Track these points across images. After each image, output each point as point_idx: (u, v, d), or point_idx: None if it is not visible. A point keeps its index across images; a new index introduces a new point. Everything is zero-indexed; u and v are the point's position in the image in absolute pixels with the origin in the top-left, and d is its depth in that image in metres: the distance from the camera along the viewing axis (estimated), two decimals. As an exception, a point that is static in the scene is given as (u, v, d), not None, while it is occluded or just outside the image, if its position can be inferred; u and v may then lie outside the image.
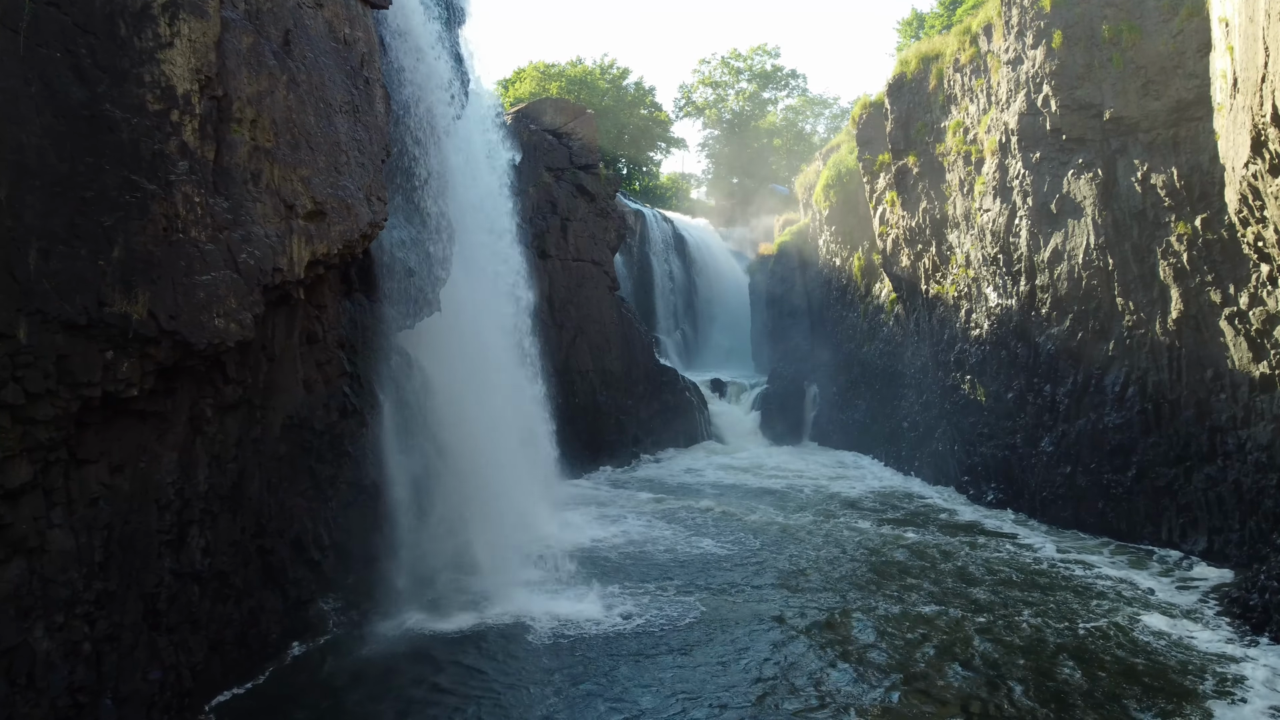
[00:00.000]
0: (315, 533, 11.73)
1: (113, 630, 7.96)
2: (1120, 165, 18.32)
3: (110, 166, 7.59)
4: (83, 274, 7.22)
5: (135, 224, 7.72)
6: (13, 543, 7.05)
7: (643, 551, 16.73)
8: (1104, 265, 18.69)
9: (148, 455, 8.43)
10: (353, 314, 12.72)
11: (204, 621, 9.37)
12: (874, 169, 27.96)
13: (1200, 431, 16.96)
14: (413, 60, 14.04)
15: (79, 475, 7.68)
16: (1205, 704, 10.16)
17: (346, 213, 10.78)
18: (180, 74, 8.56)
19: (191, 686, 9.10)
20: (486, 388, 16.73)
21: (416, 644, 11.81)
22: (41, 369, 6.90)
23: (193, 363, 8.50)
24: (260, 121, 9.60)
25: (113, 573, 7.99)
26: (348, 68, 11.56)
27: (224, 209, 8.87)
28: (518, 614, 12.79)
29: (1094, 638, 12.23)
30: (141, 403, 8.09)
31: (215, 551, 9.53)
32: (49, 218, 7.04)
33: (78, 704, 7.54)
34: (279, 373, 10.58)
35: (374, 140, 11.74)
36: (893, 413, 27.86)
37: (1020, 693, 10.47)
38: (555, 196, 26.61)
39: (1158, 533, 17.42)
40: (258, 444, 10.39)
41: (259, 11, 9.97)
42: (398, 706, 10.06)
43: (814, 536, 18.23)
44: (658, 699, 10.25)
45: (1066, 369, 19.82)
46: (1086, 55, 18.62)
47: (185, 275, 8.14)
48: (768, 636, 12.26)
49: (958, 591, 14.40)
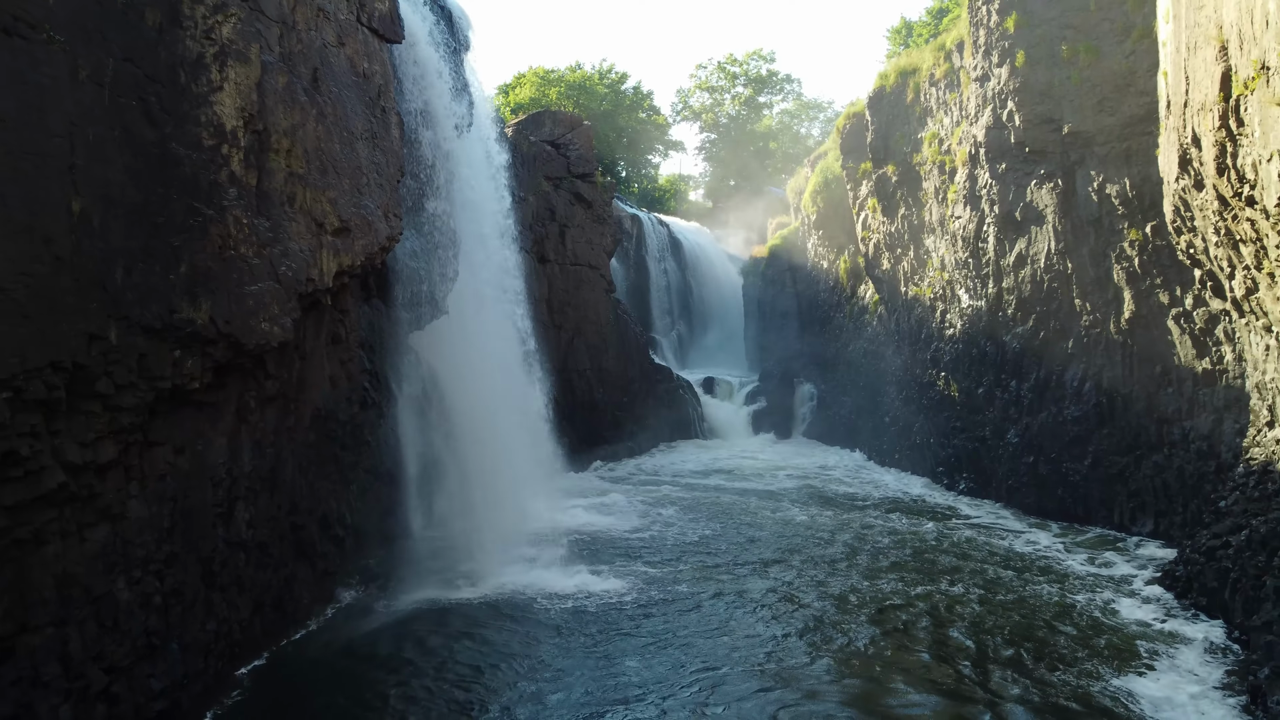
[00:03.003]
0: (339, 513, 13.20)
1: (178, 586, 9.41)
2: (1078, 176, 19.73)
3: (176, 195, 9.04)
4: (157, 286, 8.67)
5: (197, 243, 9.17)
6: (100, 510, 8.49)
7: (633, 536, 18.17)
8: (1064, 269, 20.11)
9: (203, 440, 9.88)
10: (370, 317, 14.18)
11: (248, 585, 10.82)
12: (857, 177, 29.42)
13: (1149, 423, 18.38)
14: (422, 87, 15.49)
15: (150, 455, 9.13)
16: (1119, 652, 11.62)
17: (367, 229, 12.24)
18: (228, 113, 10.02)
19: (240, 639, 10.56)
20: (490, 385, 18.18)
21: (426, 612, 13.26)
22: (126, 365, 8.35)
23: (241, 360, 9.96)
24: (294, 151, 11.04)
25: (177, 538, 9.44)
26: (366, 99, 13.01)
27: (266, 228, 10.32)
28: (517, 588, 14.25)
29: (1036, 601, 13.67)
30: (200, 395, 9.54)
31: (257, 525, 10.98)
32: (130, 240, 8.48)
33: (152, 645, 8.99)
34: (309, 370, 12.04)
35: (390, 163, 13.19)
36: (876, 408, 29.28)
37: (961, 638, 11.96)
38: (554, 204, 28.06)
39: (1110, 516, 18.84)
40: (291, 432, 11.85)
41: (291, 53, 11.41)
42: (410, 663, 11.50)
43: (794, 523, 19.66)
44: (636, 655, 11.69)
45: (1030, 366, 21.26)
46: (1047, 73, 20.02)
47: (237, 286, 9.60)
48: (746, 604, 13.71)
49: (920, 566, 15.83)
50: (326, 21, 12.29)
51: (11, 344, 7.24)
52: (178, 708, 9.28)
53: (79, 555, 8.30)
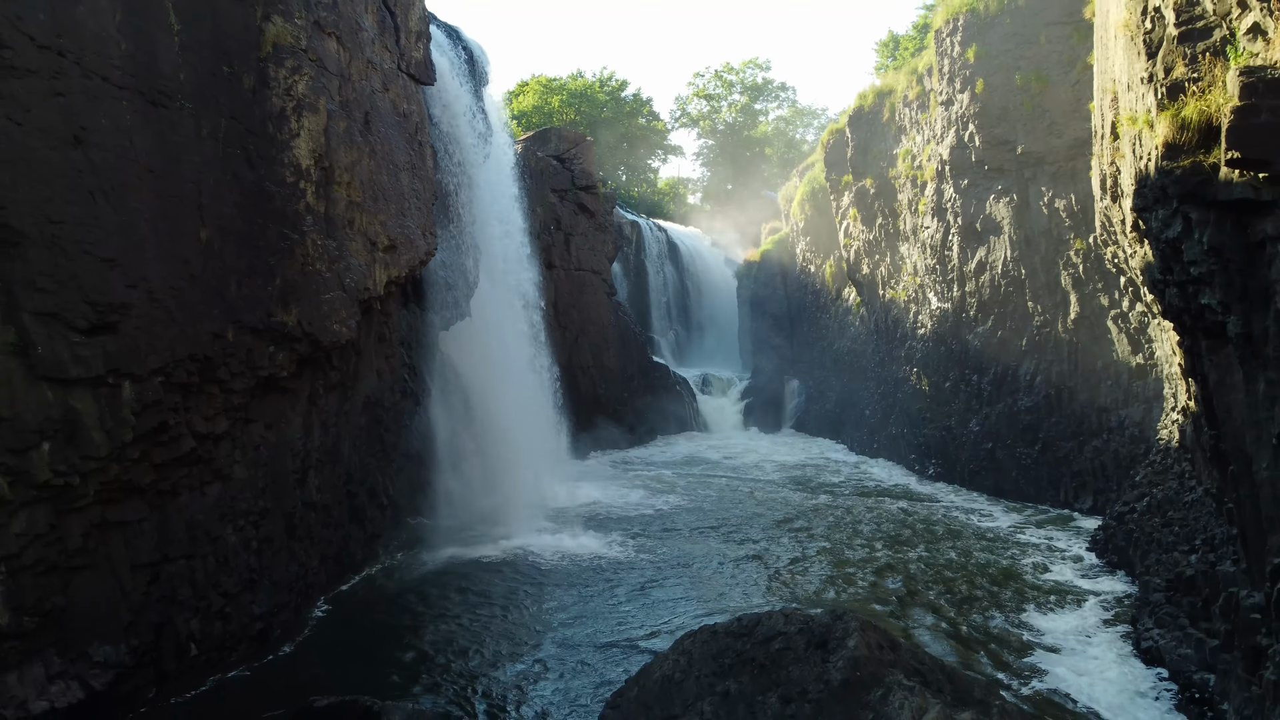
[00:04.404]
0: (383, 485, 15.59)
1: (269, 535, 11.79)
2: (1031, 192, 22.11)
3: (270, 223, 11.41)
4: (259, 296, 11.04)
5: (286, 261, 11.55)
6: (215, 470, 10.86)
7: (634, 511, 20.56)
8: (1018, 275, 22.49)
9: (285, 419, 12.25)
10: (408, 320, 16.57)
11: (317, 539, 13.20)
12: (839, 188, 31.79)
13: (1091, 412, 20.76)
14: (450, 117, 17.88)
15: (249, 430, 11.49)
16: (1035, 598, 14.00)
17: (410, 245, 14.62)
18: (304, 154, 12.39)
19: (311, 582, 12.95)
20: (507, 379, 20.58)
21: (454, 566, 15.67)
22: (238, 357, 10.71)
23: (316, 355, 12.32)
24: (353, 182, 13.41)
25: (268, 496, 11.81)
26: (406, 135, 15.39)
27: (333, 247, 12.69)
28: (530, 548, 16.66)
29: (977, 563, 16.05)
30: (285, 382, 11.89)
31: (323, 490, 13.36)
32: (239, 260, 10.85)
33: (252, 580, 11.36)
34: (362, 363, 14.42)
35: (426, 189, 15.58)
36: (857, 402, 31.64)
37: (899, 586, 14.33)
38: (559, 214, 30.46)
39: (1057, 495, 21.20)
40: (347, 416, 14.23)
41: (348, 101, 13.78)
42: (445, 600, 13.94)
43: (776, 503, 22.03)
44: (636, 598, 14.08)
45: (989, 362, 23.65)
46: (1003, 99, 22.40)
47: (315, 294, 11.97)
48: (727, 563, 16.09)
49: (880, 536, 18.19)
50: (374, 71, 14.66)
51: (164, 341, 9.62)
52: (270, 631, 11.67)
53: (201, 505, 10.68)
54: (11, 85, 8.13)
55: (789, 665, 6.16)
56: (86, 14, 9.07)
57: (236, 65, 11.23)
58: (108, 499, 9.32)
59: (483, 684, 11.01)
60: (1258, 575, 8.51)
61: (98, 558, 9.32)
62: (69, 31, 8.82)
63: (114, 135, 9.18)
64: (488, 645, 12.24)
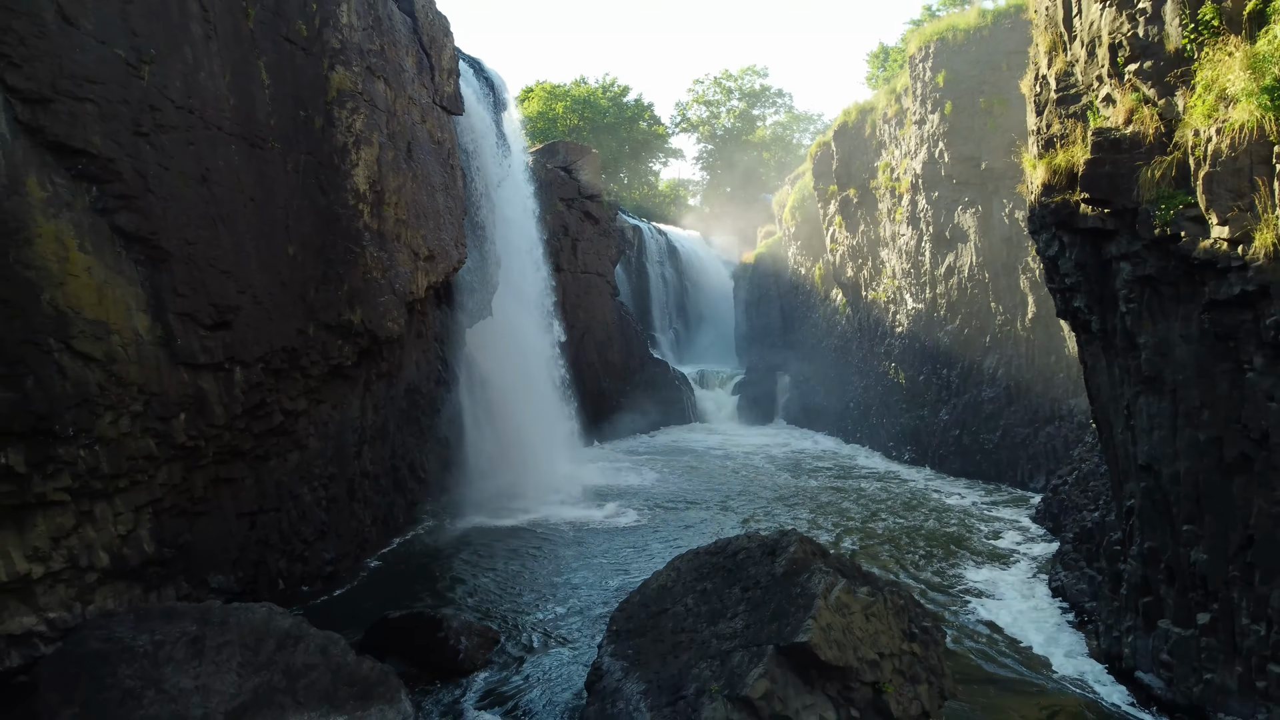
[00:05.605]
0: (421, 461, 18.12)
1: (335, 495, 14.31)
2: (994, 203, 24.58)
3: (339, 240, 13.92)
4: (330, 299, 13.55)
5: (351, 271, 14.06)
6: (295, 441, 13.37)
7: (638, 488, 23.09)
8: (983, 279, 24.97)
9: (347, 401, 14.76)
10: (441, 318, 19.09)
11: (370, 503, 15.72)
12: (826, 196, 34.28)
13: (1045, 402, 23.24)
14: (475, 142, 20.38)
15: (319, 409, 14.00)
16: (980, 558, 16.49)
17: (445, 255, 17.13)
18: (361, 181, 14.89)
19: (366, 538, 15.48)
20: (523, 371, 23.11)
21: (481, 532, 18.21)
22: (316, 349, 13.22)
23: (372, 348, 14.84)
24: (399, 203, 15.92)
25: (334, 464, 14.34)
26: (440, 159, 17.89)
27: (386, 259, 15.20)
28: (546, 518, 19.18)
29: (936, 530, 18.55)
30: (348, 370, 14.41)
31: (375, 462, 15.88)
32: (315, 269, 13.35)
33: (322, 532, 13.88)
34: (405, 355, 16.93)
35: (457, 206, 18.09)
36: (842, 395, 34.14)
37: (855, 546, 16.83)
38: (567, 221, 32.97)
39: (1015, 476, 23.69)
40: (393, 400, 16.75)
41: (394, 133, 16.29)
42: (475, 554, 16.49)
43: (764, 482, 24.55)
44: (641, 557, 16.59)
45: (958, 357, 26.14)
46: (969, 120, 24.86)
47: (373, 298, 14.48)
48: (718, 528, 18.59)
49: (853, 509, 20.70)
50: (414, 106, 17.17)
51: (264, 335, 12.13)
52: (337, 575, 14.20)
53: (285, 469, 13.20)
54: (162, 139, 10.62)
55: (748, 566, 8.61)
56: (206, 78, 11.56)
57: (310, 109, 13.74)
58: (221, 459, 11.82)
59: (514, 604, 13.61)
60: (1119, 516, 11.01)
61: (213, 505, 11.83)
62: (195, 93, 11.30)
63: (228, 173, 11.67)
64: (517, 583, 14.82)
